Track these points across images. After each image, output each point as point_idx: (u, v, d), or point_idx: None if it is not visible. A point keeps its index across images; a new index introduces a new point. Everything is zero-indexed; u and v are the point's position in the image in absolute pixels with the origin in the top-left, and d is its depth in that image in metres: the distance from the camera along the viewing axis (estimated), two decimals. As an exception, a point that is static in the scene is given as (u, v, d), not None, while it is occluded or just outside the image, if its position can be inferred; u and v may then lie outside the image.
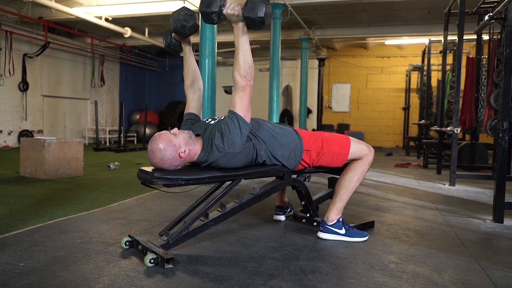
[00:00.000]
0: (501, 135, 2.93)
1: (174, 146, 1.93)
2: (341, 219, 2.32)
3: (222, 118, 2.12)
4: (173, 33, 2.23)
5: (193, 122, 2.23)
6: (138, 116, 12.88)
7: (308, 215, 2.61)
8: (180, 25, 2.08)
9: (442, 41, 5.76)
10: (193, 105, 2.31)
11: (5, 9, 8.22)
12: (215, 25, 4.69)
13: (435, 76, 10.03)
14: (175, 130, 1.99)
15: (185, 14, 2.10)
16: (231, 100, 1.99)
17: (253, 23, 1.90)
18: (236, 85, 1.96)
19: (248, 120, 1.99)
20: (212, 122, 2.14)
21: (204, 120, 2.21)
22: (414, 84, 11.28)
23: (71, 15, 7.88)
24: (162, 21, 9.76)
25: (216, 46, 4.70)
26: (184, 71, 2.37)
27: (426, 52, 8.43)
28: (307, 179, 2.64)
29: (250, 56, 1.96)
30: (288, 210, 2.79)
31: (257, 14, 1.86)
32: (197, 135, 2.07)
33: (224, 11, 1.93)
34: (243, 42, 1.96)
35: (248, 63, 1.95)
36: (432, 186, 4.53)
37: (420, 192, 4.11)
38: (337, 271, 1.84)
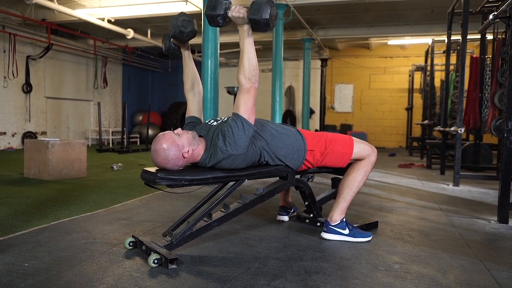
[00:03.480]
0: (505, 135, 2.92)
1: (178, 146, 1.93)
2: (344, 220, 2.32)
3: (225, 119, 2.12)
4: (171, 38, 2.24)
5: (194, 125, 2.23)
6: (141, 117, 12.91)
7: (311, 215, 2.60)
8: (178, 31, 2.10)
9: (446, 41, 5.74)
10: (193, 108, 2.32)
11: (9, 11, 8.26)
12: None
13: (439, 76, 9.99)
14: (179, 130, 1.99)
15: (183, 20, 2.11)
16: (236, 102, 1.99)
17: (258, 26, 1.89)
18: (241, 87, 1.96)
19: (252, 122, 1.99)
20: (215, 123, 2.14)
21: (207, 121, 2.21)
22: (417, 84, 11.25)
23: (74, 17, 7.90)
24: (164, 22, 9.78)
25: (218, 47, 4.71)
26: (183, 75, 2.38)
27: (429, 52, 8.40)
28: (310, 180, 2.63)
29: (255, 58, 1.96)
30: (292, 211, 2.79)
31: (261, 16, 1.85)
32: (200, 136, 2.07)
33: (230, 14, 1.92)
34: (248, 45, 1.96)
35: (253, 65, 1.95)
36: (436, 187, 4.52)
37: (424, 193, 4.09)
38: (341, 271, 1.84)
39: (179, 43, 2.27)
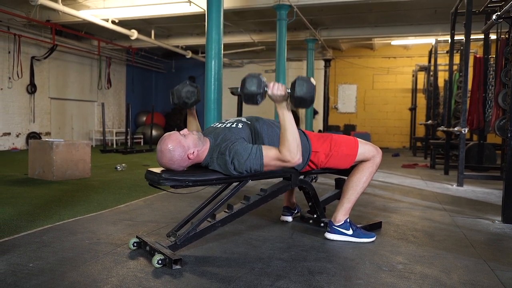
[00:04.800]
0: (509, 135, 2.91)
1: (183, 147, 1.93)
2: (348, 220, 2.31)
3: (234, 125, 2.12)
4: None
5: None
6: (144, 118, 12.94)
7: (315, 216, 2.60)
8: (182, 102, 2.14)
9: (449, 41, 5.73)
10: None
11: (14, 12, 8.31)
12: (221, 26, 4.70)
13: (442, 76, 9.98)
14: (185, 131, 2.00)
15: (187, 91, 2.14)
16: (271, 149, 1.97)
17: (303, 103, 1.89)
18: (283, 156, 1.95)
19: (264, 167, 2.00)
20: (220, 125, 2.16)
21: (212, 125, 2.23)
22: (420, 85, 11.24)
23: (78, 18, 7.94)
24: (168, 23, 9.81)
25: (222, 47, 4.71)
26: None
27: (432, 52, 8.39)
28: (314, 180, 2.63)
29: (297, 133, 1.98)
30: (296, 211, 2.79)
31: (308, 94, 1.86)
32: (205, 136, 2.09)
33: (269, 92, 1.93)
34: (291, 119, 1.97)
35: (297, 140, 1.97)
36: (440, 187, 4.51)
37: (428, 193, 4.09)
38: (344, 272, 1.84)
39: None
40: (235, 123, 2.14)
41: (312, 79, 1.90)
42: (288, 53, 9.47)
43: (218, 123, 2.21)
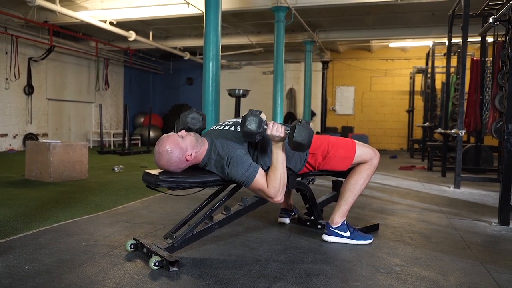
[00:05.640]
0: (506, 138, 2.92)
1: (181, 149, 1.93)
2: (345, 222, 2.32)
3: (232, 128, 2.13)
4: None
5: None
6: (142, 119, 12.91)
7: (312, 218, 2.60)
8: (187, 128, 2.15)
9: (446, 43, 5.75)
10: None
11: (11, 13, 8.29)
12: (219, 27, 4.70)
13: (439, 79, 9.99)
14: (183, 132, 1.99)
15: (193, 117, 2.15)
16: (263, 178, 1.97)
17: (300, 148, 1.92)
18: (268, 192, 1.96)
19: (250, 187, 2.01)
20: (218, 128, 2.18)
21: (210, 128, 2.24)
22: (418, 87, 11.25)
23: (76, 19, 7.92)
24: (166, 25, 9.80)
25: (220, 49, 4.72)
26: None
27: (430, 55, 8.41)
28: (311, 182, 2.63)
29: (286, 174, 2.00)
30: (293, 213, 2.79)
31: (306, 141, 1.88)
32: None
33: (269, 132, 1.94)
34: (283, 161, 1.99)
35: (284, 182, 1.98)
36: (437, 189, 4.52)
37: (425, 195, 4.09)
38: (342, 274, 1.84)
39: None
40: (233, 126, 2.14)
41: (311, 125, 1.93)
42: (286, 55, 9.48)
43: (216, 126, 2.22)
